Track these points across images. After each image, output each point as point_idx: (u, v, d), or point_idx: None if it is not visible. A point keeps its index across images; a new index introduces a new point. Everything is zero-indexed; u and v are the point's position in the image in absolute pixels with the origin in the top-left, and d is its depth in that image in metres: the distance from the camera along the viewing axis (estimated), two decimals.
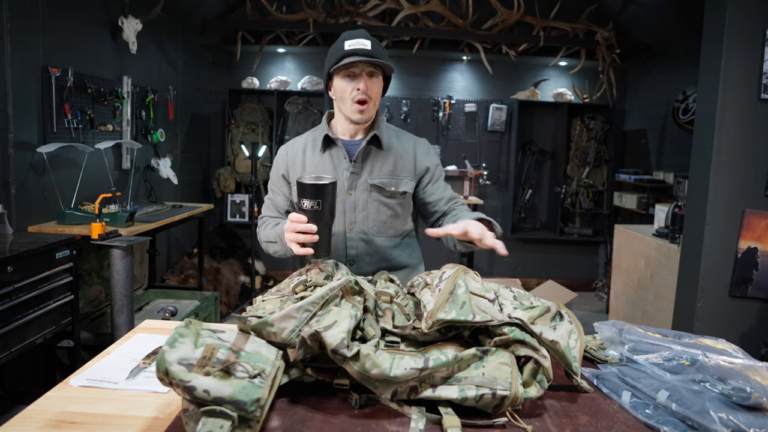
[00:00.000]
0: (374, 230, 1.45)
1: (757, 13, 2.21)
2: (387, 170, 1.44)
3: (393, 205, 1.45)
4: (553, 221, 4.97)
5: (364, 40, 1.34)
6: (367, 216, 1.44)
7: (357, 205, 1.44)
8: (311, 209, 1.11)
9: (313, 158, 1.46)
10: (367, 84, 1.36)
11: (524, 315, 0.88)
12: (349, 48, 1.33)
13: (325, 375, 0.86)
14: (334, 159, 1.46)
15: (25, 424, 0.79)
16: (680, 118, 4.06)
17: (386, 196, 1.44)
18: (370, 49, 1.33)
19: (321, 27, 4.30)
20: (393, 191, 1.44)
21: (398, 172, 1.45)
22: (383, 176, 1.44)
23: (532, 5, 4.47)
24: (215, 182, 4.76)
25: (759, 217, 2.27)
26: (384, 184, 1.43)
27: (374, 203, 1.44)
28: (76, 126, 2.77)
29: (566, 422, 0.80)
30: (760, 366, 0.86)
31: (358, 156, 1.43)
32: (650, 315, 3.18)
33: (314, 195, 1.10)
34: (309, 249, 1.16)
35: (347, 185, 1.44)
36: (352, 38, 1.35)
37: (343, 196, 1.43)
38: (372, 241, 1.45)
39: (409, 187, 1.46)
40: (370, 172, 1.44)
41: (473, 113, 4.91)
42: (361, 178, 1.44)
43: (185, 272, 4.13)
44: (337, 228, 1.43)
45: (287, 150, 1.52)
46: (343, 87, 1.37)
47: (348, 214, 1.44)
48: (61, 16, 2.70)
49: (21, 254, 1.98)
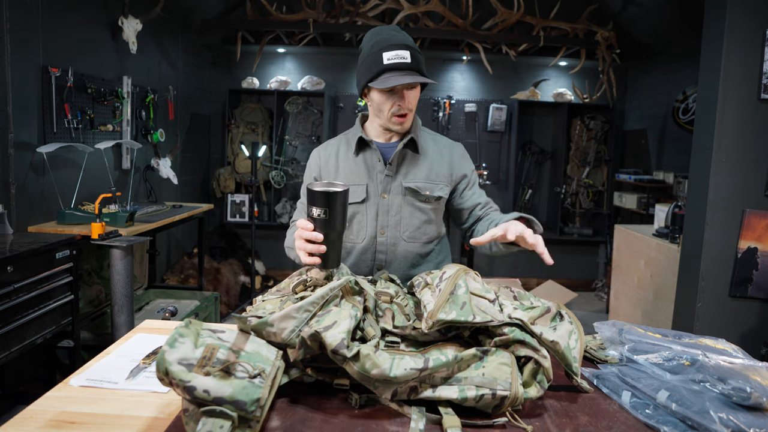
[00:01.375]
0: (406, 235, 1.41)
1: (757, 13, 2.21)
2: (423, 174, 1.40)
3: (427, 209, 1.41)
4: (553, 221, 4.97)
5: (403, 51, 1.25)
6: (400, 220, 1.40)
7: (390, 208, 1.40)
8: (319, 217, 1.06)
9: (347, 161, 1.43)
10: (408, 99, 1.30)
11: (524, 315, 0.88)
12: (388, 62, 1.24)
13: (325, 375, 0.86)
14: (368, 162, 1.41)
15: (25, 424, 0.79)
16: (680, 118, 4.06)
17: (421, 201, 1.40)
18: (410, 62, 1.25)
19: (321, 27, 4.30)
20: (428, 195, 1.40)
21: (434, 177, 1.41)
22: (419, 180, 1.40)
23: (532, 5, 4.47)
24: (215, 182, 4.76)
25: (759, 217, 2.27)
26: (419, 188, 1.39)
27: (408, 207, 1.40)
28: (76, 126, 2.77)
29: (566, 422, 0.80)
30: (760, 366, 0.86)
31: (394, 159, 1.39)
32: (650, 315, 3.18)
33: (322, 203, 1.05)
34: (316, 259, 1.09)
35: (381, 188, 1.40)
36: (391, 49, 1.25)
37: (376, 199, 1.40)
38: (403, 246, 1.41)
39: (444, 192, 1.42)
40: (405, 176, 1.40)
41: (473, 113, 4.91)
42: (395, 181, 1.40)
43: (185, 272, 4.13)
44: (367, 232, 1.40)
45: (320, 153, 1.48)
46: (382, 101, 1.32)
47: (380, 218, 1.40)
48: (61, 16, 2.70)
49: (21, 254, 1.98)
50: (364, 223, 1.41)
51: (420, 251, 1.43)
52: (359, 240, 1.42)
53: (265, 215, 4.84)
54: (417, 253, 1.43)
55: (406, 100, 1.31)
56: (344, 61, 4.88)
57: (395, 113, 1.32)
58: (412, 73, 1.26)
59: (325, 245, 1.08)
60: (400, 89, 1.30)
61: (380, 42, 1.28)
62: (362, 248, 1.42)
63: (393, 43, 1.27)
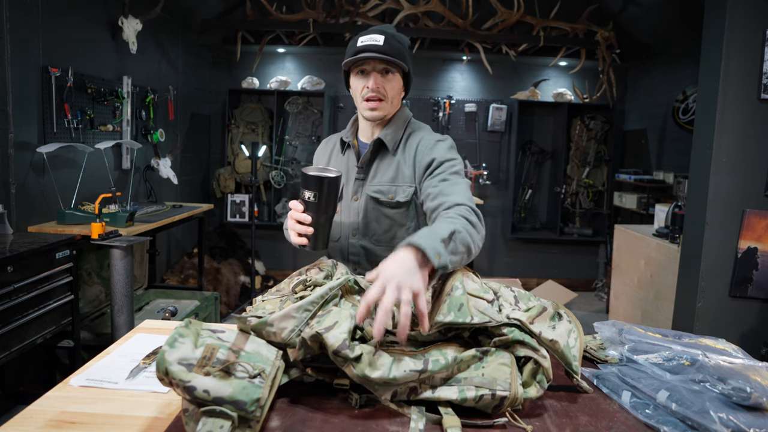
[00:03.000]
0: (374, 239, 1.37)
1: (757, 13, 2.21)
2: (389, 177, 1.34)
3: (393, 215, 1.34)
4: (553, 221, 4.97)
5: (377, 35, 1.26)
6: (367, 224, 1.36)
7: (359, 212, 1.37)
8: (308, 200, 1.11)
9: (337, 158, 1.43)
10: (377, 82, 1.28)
11: (523, 315, 0.88)
12: (361, 44, 1.26)
13: (325, 375, 0.86)
14: (348, 162, 1.41)
15: (25, 424, 0.79)
16: (680, 118, 4.06)
17: (385, 206, 1.34)
18: (381, 45, 1.25)
19: (321, 27, 4.30)
20: (390, 200, 1.33)
21: (398, 179, 1.34)
22: (383, 183, 1.34)
23: (532, 5, 4.47)
24: (215, 182, 4.76)
25: (759, 217, 2.27)
26: (382, 191, 1.34)
27: (374, 212, 1.35)
28: (76, 126, 2.77)
29: (566, 422, 0.80)
30: (760, 366, 0.86)
31: (363, 161, 1.36)
32: (650, 315, 3.18)
33: (312, 186, 1.10)
34: (303, 239, 1.15)
35: (352, 191, 1.37)
36: (366, 33, 1.29)
37: (348, 201, 1.39)
38: (372, 250, 1.37)
39: (406, 195, 1.32)
40: (372, 179, 1.36)
41: (473, 113, 4.91)
42: (365, 184, 1.37)
43: (185, 272, 4.13)
44: (342, 232, 1.40)
45: (325, 144, 1.50)
46: (356, 85, 1.33)
47: (352, 220, 1.39)
48: (61, 16, 2.70)
49: (21, 254, 1.98)
50: (338, 222, 1.41)
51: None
52: (335, 239, 1.42)
53: (265, 215, 4.84)
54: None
55: (374, 81, 1.28)
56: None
57: (365, 96, 1.31)
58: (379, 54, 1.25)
59: (313, 227, 1.13)
60: (370, 71, 1.29)
61: (362, 32, 1.32)
62: (339, 248, 1.42)
63: (372, 30, 1.30)
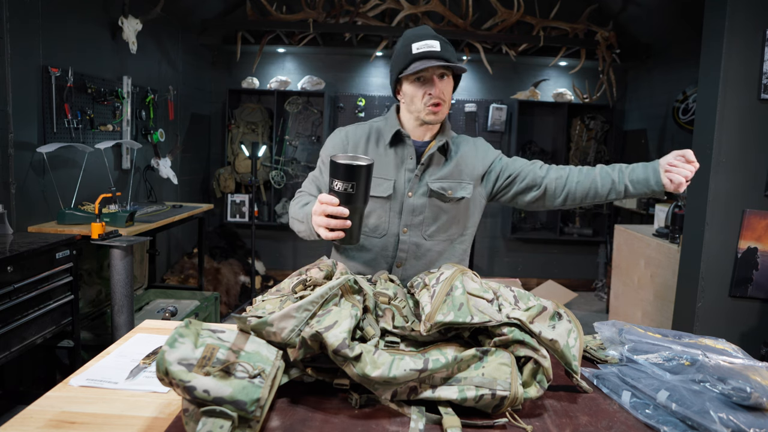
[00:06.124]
0: (427, 233, 1.40)
1: (757, 13, 2.21)
2: (448, 174, 1.40)
3: (450, 209, 1.40)
4: (553, 221, 4.97)
5: (432, 41, 1.28)
6: (423, 220, 1.39)
7: (415, 208, 1.39)
8: (344, 192, 1.03)
9: (377, 150, 1.41)
10: (439, 87, 1.30)
11: (523, 315, 0.88)
12: (417, 51, 1.27)
13: (325, 375, 0.86)
14: (399, 156, 1.40)
15: (25, 424, 0.79)
16: (680, 118, 4.06)
17: (445, 201, 1.39)
18: (439, 50, 1.27)
19: (321, 27, 4.30)
20: (451, 196, 1.39)
21: (459, 176, 1.40)
22: (444, 180, 1.39)
23: (532, 5, 4.47)
24: (215, 182, 4.76)
25: (759, 217, 2.27)
26: (444, 188, 1.38)
27: (433, 207, 1.39)
28: (76, 126, 2.77)
29: (566, 422, 0.80)
30: (760, 366, 0.86)
31: (426, 159, 1.38)
32: (650, 315, 3.18)
33: (349, 176, 1.02)
34: (339, 233, 1.09)
35: (408, 187, 1.39)
36: (419, 39, 1.29)
37: (401, 198, 1.39)
38: (422, 244, 1.40)
39: (467, 192, 1.40)
40: (431, 176, 1.39)
41: (473, 113, 4.91)
42: (422, 181, 1.39)
43: (185, 272, 4.13)
44: (389, 229, 1.40)
45: (347, 133, 1.44)
46: (414, 92, 1.33)
47: (405, 217, 1.39)
48: (61, 16, 2.70)
49: (21, 254, 1.98)
50: (385, 219, 1.40)
51: (438, 248, 1.42)
52: (377, 235, 1.41)
53: (265, 215, 4.84)
54: (435, 251, 1.42)
55: (437, 87, 1.30)
56: (344, 61, 4.88)
57: (428, 103, 1.32)
58: (441, 61, 1.27)
59: (350, 220, 1.06)
60: (430, 77, 1.30)
61: (410, 37, 1.32)
62: (382, 245, 1.41)
63: (422, 35, 1.31)
